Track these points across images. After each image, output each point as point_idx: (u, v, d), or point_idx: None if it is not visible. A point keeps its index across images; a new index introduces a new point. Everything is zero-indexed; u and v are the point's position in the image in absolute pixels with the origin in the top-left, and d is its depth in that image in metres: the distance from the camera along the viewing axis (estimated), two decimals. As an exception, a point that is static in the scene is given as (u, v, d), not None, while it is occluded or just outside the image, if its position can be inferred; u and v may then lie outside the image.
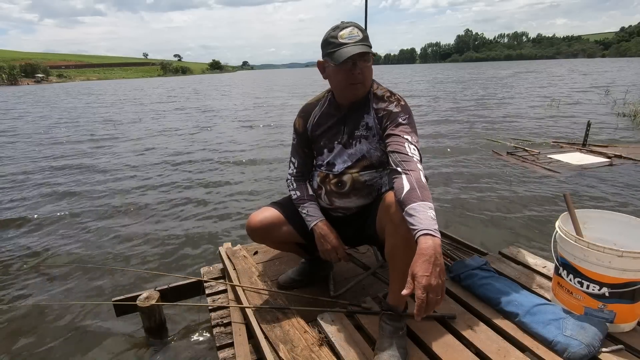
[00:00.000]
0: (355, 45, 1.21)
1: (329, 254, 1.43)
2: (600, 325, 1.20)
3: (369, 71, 1.30)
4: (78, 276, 2.53)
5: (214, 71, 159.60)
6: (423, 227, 0.99)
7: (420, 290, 0.93)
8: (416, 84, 22.64)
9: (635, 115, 7.68)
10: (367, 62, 1.27)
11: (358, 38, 1.23)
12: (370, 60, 1.28)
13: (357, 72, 1.26)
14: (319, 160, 1.48)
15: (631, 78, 19.84)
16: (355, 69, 1.25)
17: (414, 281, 0.95)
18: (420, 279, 0.93)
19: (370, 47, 1.25)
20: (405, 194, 1.08)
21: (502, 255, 1.82)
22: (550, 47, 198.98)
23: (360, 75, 1.27)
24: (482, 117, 8.85)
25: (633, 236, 1.33)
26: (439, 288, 0.94)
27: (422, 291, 0.92)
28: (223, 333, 1.47)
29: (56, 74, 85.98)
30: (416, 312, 0.94)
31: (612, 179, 3.97)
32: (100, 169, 5.45)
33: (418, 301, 0.93)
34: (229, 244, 2.10)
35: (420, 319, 0.95)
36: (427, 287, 0.93)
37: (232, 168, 5.28)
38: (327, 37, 1.27)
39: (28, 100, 22.12)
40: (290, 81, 38.57)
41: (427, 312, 0.94)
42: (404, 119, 1.28)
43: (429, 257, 0.95)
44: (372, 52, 1.26)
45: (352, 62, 1.24)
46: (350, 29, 1.25)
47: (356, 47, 1.21)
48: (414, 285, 0.94)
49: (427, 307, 0.93)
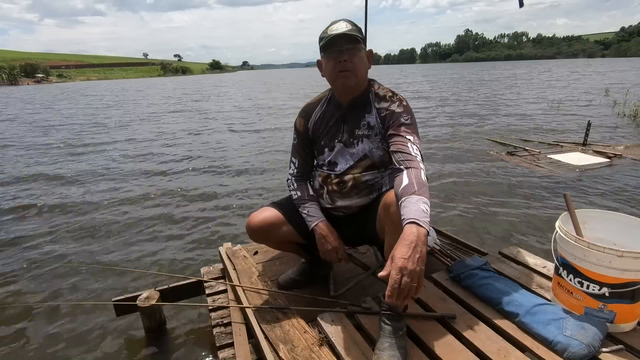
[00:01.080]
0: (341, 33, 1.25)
1: (329, 255, 1.43)
2: (600, 325, 1.20)
3: (359, 60, 1.30)
4: (78, 276, 2.53)
5: (214, 71, 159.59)
6: (411, 216, 1.00)
7: (396, 270, 0.93)
8: (418, 84, 22.61)
9: (636, 115, 7.68)
10: (354, 50, 1.27)
11: (345, 29, 1.26)
12: (360, 50, 1.29)
13: (342, 58, 1.27)
14: (320, 160, 1.48)
15: (632, 78, 19.83)
16: (342, 56, 1.27)
17: (391, 263, 0.95)
18: (397, 260, 0.94)
19: (358, 37, 1.27)
20: (402, 188, 1.10)
21: (502, 255, 1.82)
22: (550, 47, 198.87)
23: (348, 63, 1.27)
24: (482, 116, 8.85)
25: (633, 236, 1.33)
26: (415, 274, 0.94)
27: (396, 272, 0.93)
28: (223, 333, 1.47)
29: (56, 74, 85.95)
30: (388, 293, 0.93)
31: (612, 178, 3.97)
32: (100, 169, 5.45)
33: (391, 281, 0.93)
34: (229, 244, 2.10)
35: (392, 302, 0.94)
36: (402, 268, 0.93)
37: (232, 168, 5.28)
38: (320, 34, 1.32)
39: (23, 100, 22.09)
40: (290, 81, 38.56)
41: (400, 297, 0.94)
42: (406, 119, 1.29)
43: (410, 242, 0.95)
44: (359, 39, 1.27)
45: (338, 49, 1.27)
46: (339, 23, 1.29)
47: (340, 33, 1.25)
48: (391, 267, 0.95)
49: (400, 291, 0.93)
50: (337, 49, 1.27)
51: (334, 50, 1.27)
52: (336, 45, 1.26)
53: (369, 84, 1.40)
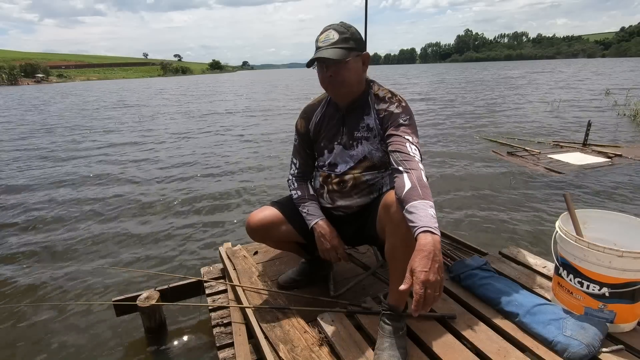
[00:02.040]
0: (325, 50, 1.23)
1: (328, 254, 1.43)
2: (600, 325, 1.20)
3: (346, 72, 1.26)
4: (78, 276, 2.53)
5: (214, 71, 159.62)
6: (423, 224, 0.99)
7: (419, 285, 0.93)
8: (418, 86, 22.60)
9: (636, 115, 7.69)
10: (340, 63, 1.24)
11: (331, 41, 1.24)
12: (347, 62, 1.24)
13: (328, 75, 1.27)
14: (320, 161, 1.49)
15: (632, 78, 19.83)
16: (327, 73, 1.27)
17: (412, 276, 0.95)
18: (419, 274, 0.93)
19: (345, 48, 1.23)
20: (406, 192, 1.08)
21: (502, 255, 1.82)
22: (550, 47, 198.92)
23: (333, 78, 1.27)
24: (482, 116, 8.85)
25: (633, 236, 1.33)
26: (437, 284, 0.94)
27: (420, 286, 0.92)
28: (223, 333, 1.47)
29: (56, 74, 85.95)
30: (414, 308, 0.93)
31: (612, 178, 3.97)
32: (100, 169, 5.46)
33: (416, 296, 0.93)
34: (229, 244, 2.10)
35: (417, 314, 0.95)
36: (425, 282, 0.93)
37: (232, 168, 5.28)
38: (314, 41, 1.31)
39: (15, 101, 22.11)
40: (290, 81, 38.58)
41: (425, 308, 0.94)
42: (405, 120, 1.28)
43: (428, 252, 0.95)
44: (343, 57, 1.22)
45: (324, 65, 1.26)
46: (327, 32, 1.26)
47: (323, 52, 1.23)
48: (412, 280, 0.94)
49: (425, 303, 0.93)
50: (322, 64, 1.27)
51: (320, 65, 1.28)
52: (321, 61, 1.26)
53: (368, 86, 1.40)
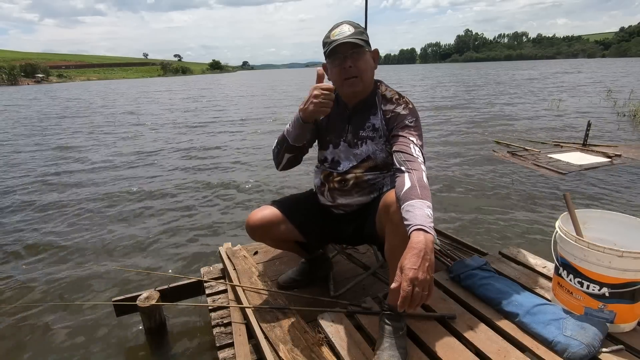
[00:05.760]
0: (345, 39, 1.24)
1: (318, 105, 1.19)
2: (600, 325, 1.20)
3: (364, 64, 1.28)
4: (78, 276, 2.53)
5: (214, 71, 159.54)
6: (417, 222, 0.99)
7: (407, 282, 0.92)
8: (418, 86, 22.60)
9: (636, 115, 7.69)
10: (359, 55, 1.26)
11: (348, 33, 1.25)
12: (365, 53, 1.28)
13: (347, 65, 1.26)
14: (322, 155, 1.49)
15: (633, 78, 19.82)
16: (346, 63, 1.26)
17: (402, 274, 0.95)
18: (408, 271, 0.93)
19: (363, 40, 1.26)
20: (405, 191, 1.09)
21: (502, 255, 1.82)
22: (550, 47, 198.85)
23: (353, 69, 1.27)
24: (482, 116, 8.85)
25: (633, 236, 1.33)
26: (425, 283, 0.94)
27: (408, 283, 0.92)
28: (223, 333, 1.47)
29: (56, 74, 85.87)
30: (399, 304, 0.93)
31: (612, 178, 3.97)
32: (99, 170, 5.46)
33: (402, 293, 0.92)
34: (229, 244, 2.10)
35: (403, 310, 0.94)
36: (413, 279, 0.92)
37: (232, 168, 5.28)
38: (323, 39, 1.31)
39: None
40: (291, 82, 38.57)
41: (412, 306, 0.93)
42: (411, 122, 1.29)
43: (419, 251, 0.95)
44: (364, 45, 1.25)
45: (342, 56, 1.26)
46: (341, 27, 1.27)
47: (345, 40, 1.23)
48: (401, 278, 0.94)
49: (412, 301, 0.93)
50: (340, 55, 1.26)
51: (337, 57, 1.26)
52: (339, 52, 1.25)
53: (375, 85, 1.40)
